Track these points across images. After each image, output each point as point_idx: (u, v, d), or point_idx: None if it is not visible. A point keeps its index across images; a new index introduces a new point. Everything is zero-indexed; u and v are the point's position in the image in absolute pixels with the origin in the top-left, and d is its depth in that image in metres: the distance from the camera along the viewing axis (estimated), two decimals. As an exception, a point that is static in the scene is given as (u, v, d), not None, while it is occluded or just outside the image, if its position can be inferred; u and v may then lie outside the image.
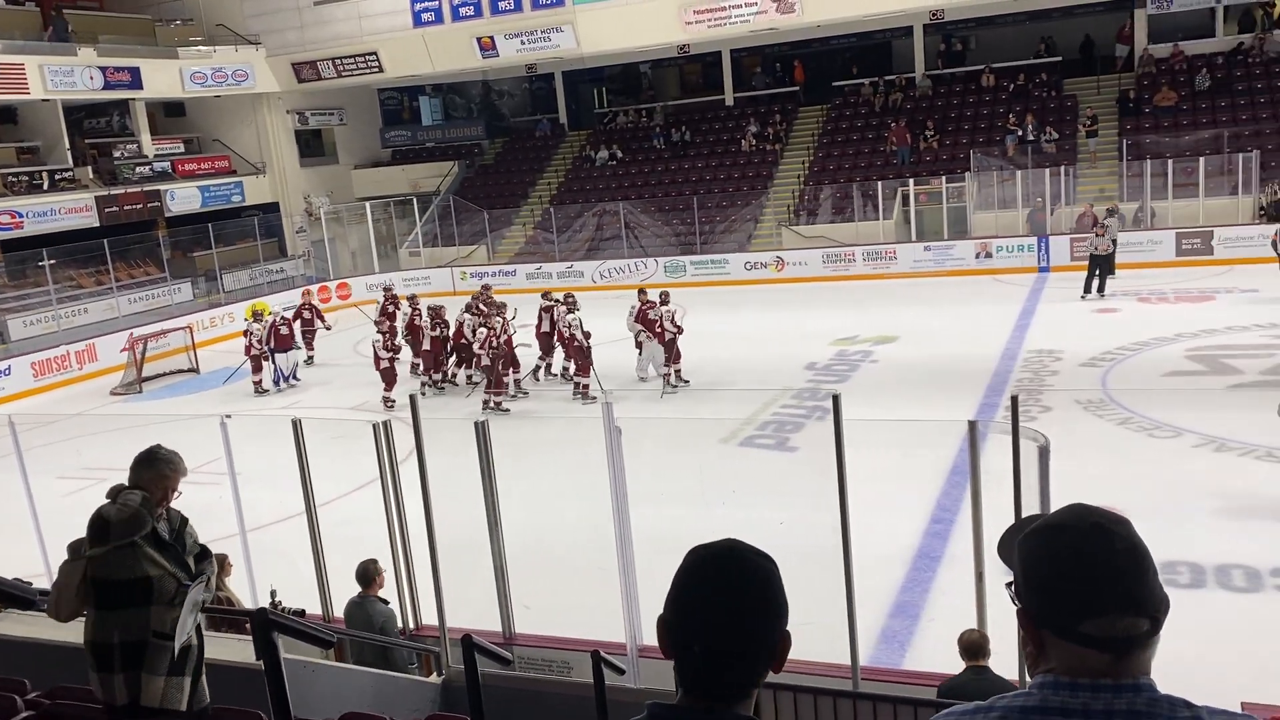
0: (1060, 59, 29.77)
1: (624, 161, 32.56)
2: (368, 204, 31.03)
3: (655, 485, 10.03)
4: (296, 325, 19.61)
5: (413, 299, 19.08)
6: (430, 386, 17.07)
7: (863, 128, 30.24)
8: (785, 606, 1.66)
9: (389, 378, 16.61)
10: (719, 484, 11.26)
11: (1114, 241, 20.63)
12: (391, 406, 16.09)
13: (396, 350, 16.97)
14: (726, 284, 26.12)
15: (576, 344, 15.82)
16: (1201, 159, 24.08)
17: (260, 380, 18.42)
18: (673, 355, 15.91)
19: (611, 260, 28.23)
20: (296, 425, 7.05)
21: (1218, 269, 21.76)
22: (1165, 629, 1.55)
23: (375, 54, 29.48)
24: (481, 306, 17.37)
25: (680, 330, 15.94)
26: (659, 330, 15.79)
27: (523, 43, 28.19)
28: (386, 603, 6.88)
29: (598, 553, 7.09)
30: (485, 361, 15.65)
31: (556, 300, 16.71)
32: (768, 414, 14.13)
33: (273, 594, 6.93)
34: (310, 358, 20.26)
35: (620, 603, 6.04)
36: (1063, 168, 25.44)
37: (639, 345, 16.19)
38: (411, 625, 7.21)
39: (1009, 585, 1.67)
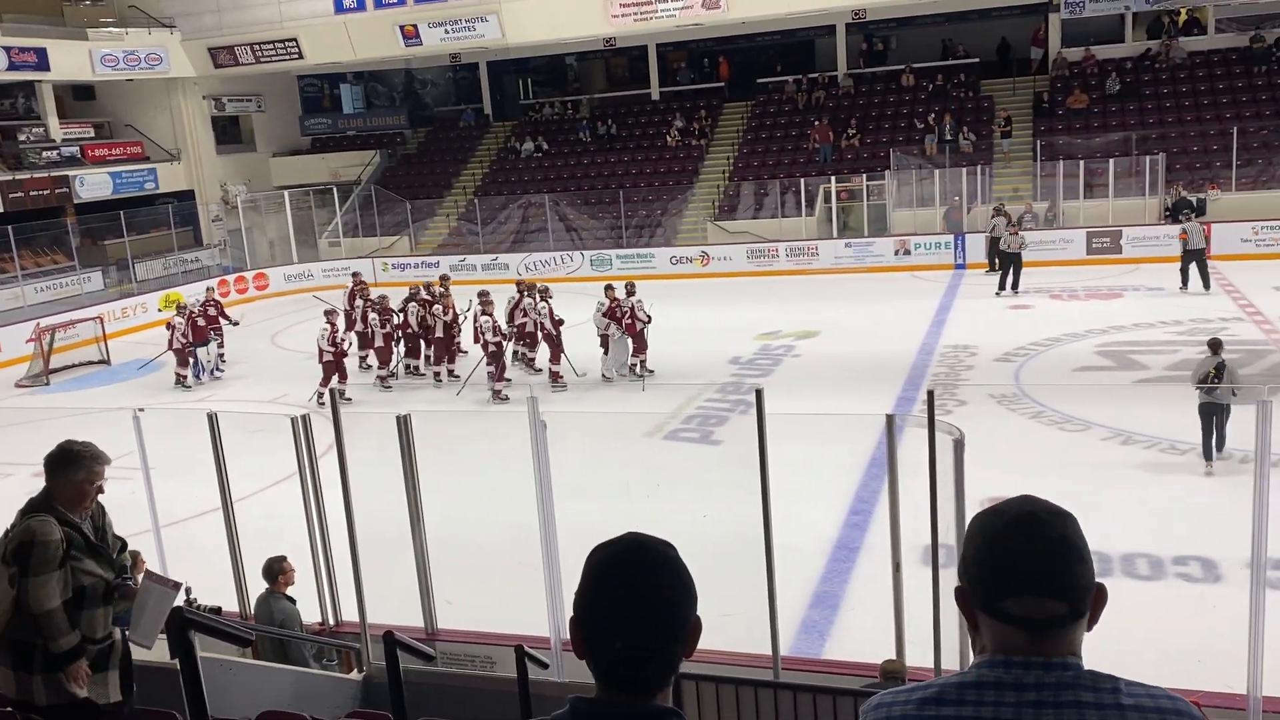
0: (978, 60, 30.46)
1: (550, 154, 32.43)
2: (286, 193, 30.41)
3: (581, 479, 10.05)
4: (199, 321, 18.83)
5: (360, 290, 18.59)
6: (383, 381, 16.68)
7: (786, 125, 30.57)
8: (694, 592, 1.68)
9: (328, 371, 15.98)
10: (644, 478, 11.32)
11: (1023, 241, 21.28)
12: (323, 403, 15.79)
13: (343, 346, 16.18)
14: (652, 278, 26.16)
15: (546, 332, 15.80)
16: (1111, 160, 24.88)
17: (186, 375, 17.74)
18: (640, 345, 15.93)
19: (537, 253, 28.12)
20: (212, 419, 6.90)
21: (1126, 267, 22.50)
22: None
23: (295, 40, 28.87)
24: (426, 295, 17.14)
25: (649, 319, 15.94)
26: (629, 322, 15.72)
27: (447, 32, 27.87)
28: (293, 600, 6.78)
29: (522, 547, 7.08)
30: (492, 349, 15.56)
31: (526, 290, 16.63)
32: (692, 408, 14.23)
33: (187, 591, 6.78)
34: (220, 356, 19.36)
35: (545, 597, 6.04)
36: (979, 167, 26.05)
37: (605, 345, 15.92)
38: (332, 621, 7.12)
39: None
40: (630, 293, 16.01)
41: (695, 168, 30.34)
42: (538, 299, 16.31)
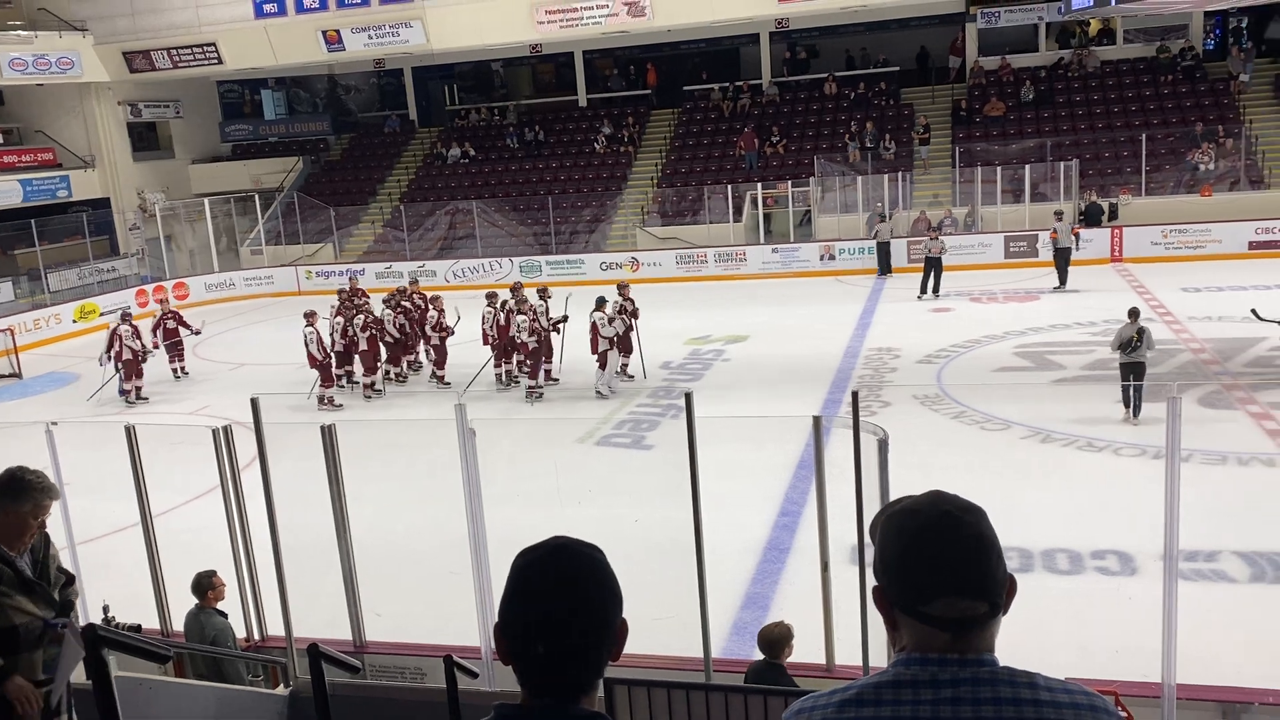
0: (898, 69, 31.06)
1: (476, 160, 32.25)
2: (206, 200, 29.78)
3: (512, 486, 10.00)
4: (158, 334, 18.00)
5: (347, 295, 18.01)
6: (370, 389, 16.28)
7: (713, 132, 30.82)
8: (618, 595, 1.68)
9: (327, 375, 15.84)
10: (576, 483, 11.29)
11: (944, 246, 21.86)
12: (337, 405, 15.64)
13: (329, 351, 15.94)
14: (582, 284, 26.18)
15: (521, 342, 15.61)
16: (1027, 166, 25.55)
17: (141, 387, 16.96)
18: (625, 349, 15.73)
19: (465, 259, 27.93)
20: (130, 432, 6.72)
21: (1042, 270, 23.09)
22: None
23: (214, 45, 28.30)
24: (404, 304, 16.84)
25: (635, 316, 15.72)
26: (620, 327, 15.37)
27: (370, 37, 27.56)
28: (224, 615, 6.64)
29: (453, 556, 7.01)
30: (532, 346, 15.30)
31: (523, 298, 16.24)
32: (624, 413, 14.26)
33: (105, 609, 6.59)
34: (182, 370, 18.47)
35: (475, 606, 6.00)
36: (900, 174, 26.55)
37: (604, 361, 15.32)
38: (257, 636, 6.97)
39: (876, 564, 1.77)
40: (622, 292, 15.80)
41: (624, 174, 30.42)
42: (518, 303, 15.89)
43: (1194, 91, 27.64)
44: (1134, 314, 12.51)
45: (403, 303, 16.90)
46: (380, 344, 16.37)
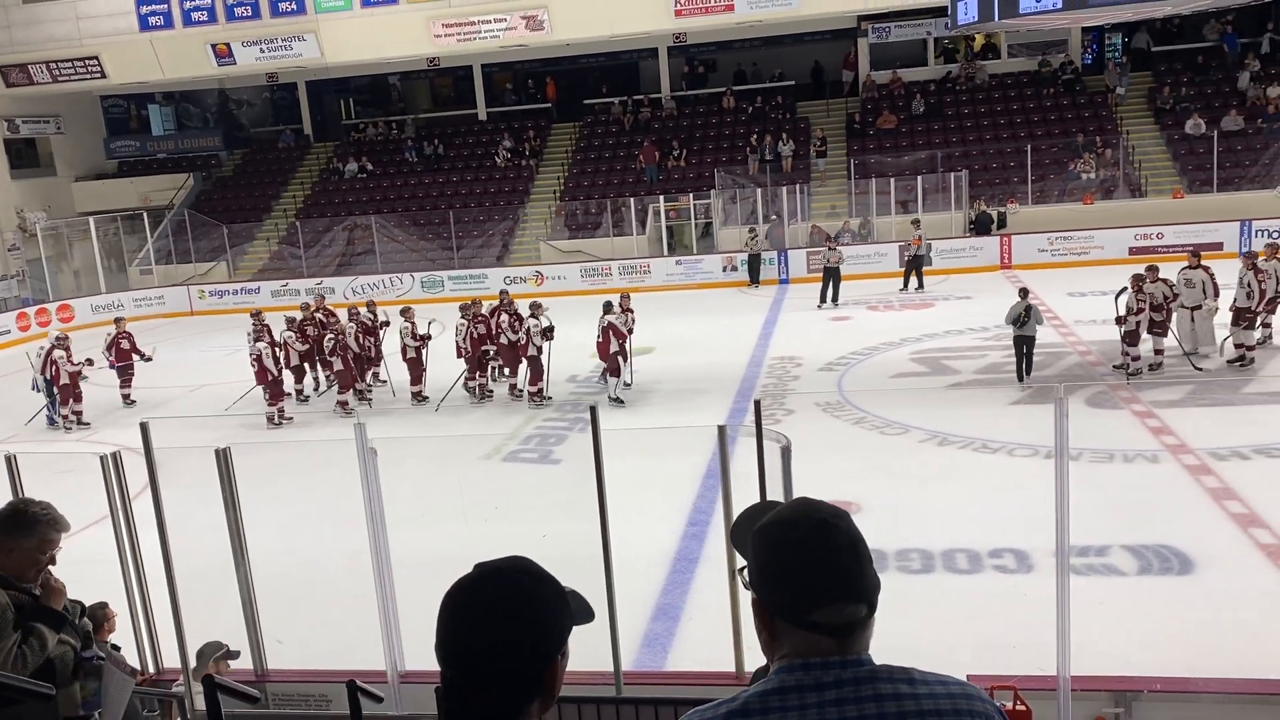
0: (793, 83, 31.67)
1: (374, 174, 31.80)
2: (92, 219, 28.73)
3: (417, 506, 9.85)
4: (111, 353, 17.14)
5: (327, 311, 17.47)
6: (345, 406, 15.73)
7: (614, 145, 30.96)
8: (552, 636, 1.62)
9: (277, 392, 15.40)
10: (483, 501, 11.17)
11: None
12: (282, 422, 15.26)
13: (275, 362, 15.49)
14: (486, 299, 25.94)
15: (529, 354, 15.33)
16: (919, 178, 26.29)
17: (81, 413, 16.14)
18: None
19: (364, 276, 27.47)
20: (11, 461, 6.42)
21: (936, 278, 23.75)
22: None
23: (96, 58, 27.35)
24: (365, 320, 16.32)
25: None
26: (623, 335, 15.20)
27: (262, 51, 26.97)
28: (117, 648, 6.38)
29: (357, 580, 6.87)
30: (531, 353, 14.99)
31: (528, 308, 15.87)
32: (531, 428, 14.18)
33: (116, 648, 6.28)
34: (130, 398, 17.42)
35: (379, 629, 5.88)
36: (798, 186, 27.05)
37: (616, 369, 15.08)
38: (152, 669, 6.72)
39: (741, 570, 1.78)
40: (624, 306, 15.53)
41: (526, 188, 30.34)
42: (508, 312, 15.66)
43: (1074, 104, 28.82)
44: (1024, 293, 14.34)
45: (364, 320, 16.40)
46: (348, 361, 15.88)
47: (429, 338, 15.95)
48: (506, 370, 16.04)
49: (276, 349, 15.66)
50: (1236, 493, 9.81)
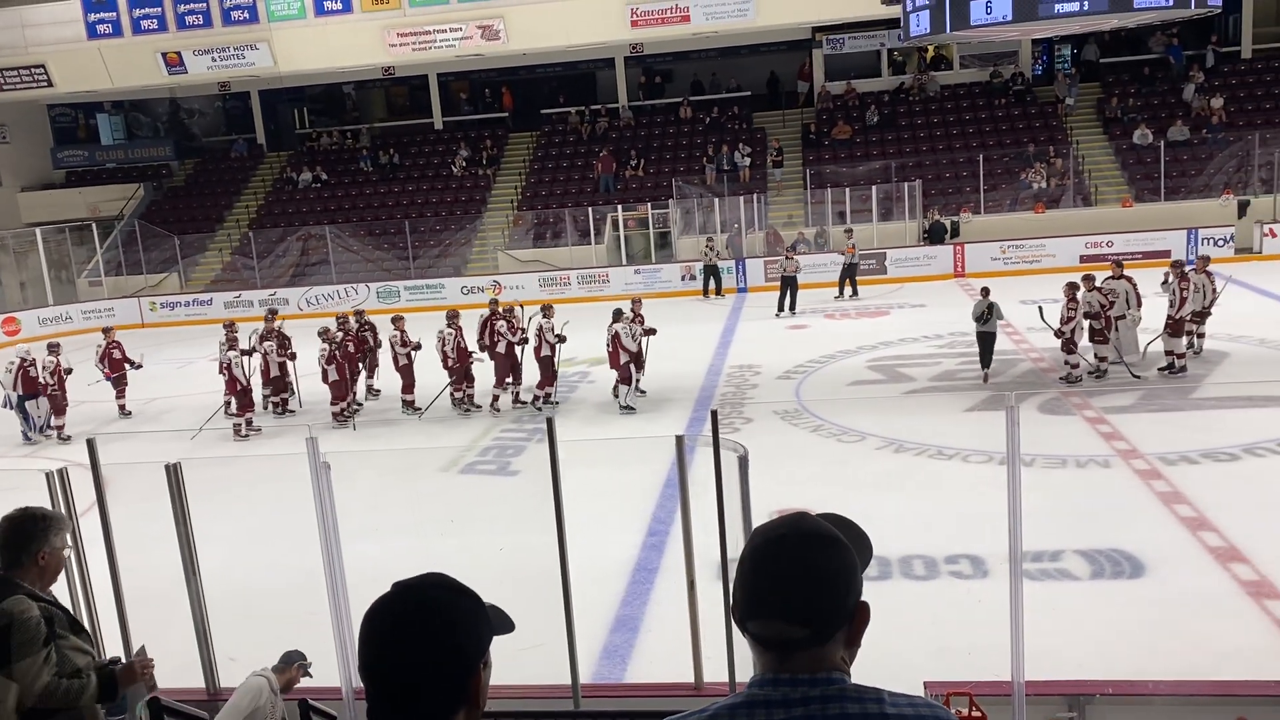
0: (750, 94, 31.87)
1: (329, 184, 31.53)
2: (39, 230, 28.15)
3: (372, 519, 9.74)
4: (105, 364, 16.79)
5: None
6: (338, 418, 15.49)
7: (572, 155, 30.96)
8: (467, 645, 1.65)
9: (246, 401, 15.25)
10: (439, 514, 11.08)
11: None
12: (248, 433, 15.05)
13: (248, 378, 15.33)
14: (443, 308, 25.80)
15: (543, 355, 15.22)
16: (874, 187, 26.54)
17: (63, 426, 15.85)
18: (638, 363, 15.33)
19: (319, 286, 27.19)
20: (-48, 479, 6.26)
21: (891, 286, 23.99)
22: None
23: (43, 67, 26.88)
24: (338, 333, 15.93)
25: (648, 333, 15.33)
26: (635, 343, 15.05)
27: (214, 60, 26.64)
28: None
29: (311, 596, 6.77)
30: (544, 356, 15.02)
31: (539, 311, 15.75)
32: (489, 439, 14.09)
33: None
34: (125, 409, 17.03)
35: (334, 646, 5.80)
36: (755, 195, 27.21)
37: (627, 377, 14.92)
38: (100, 691, 6.56)
39: None
40: (636, 314, 15.36)
41: (483, 197, 30.23)
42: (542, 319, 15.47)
43: (1025, 114, 29.27)
44: (985, 291, 15.03)
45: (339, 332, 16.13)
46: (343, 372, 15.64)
47: (417, 346, 15.64)
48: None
49: (246, 359, 15.47)
50: (1186, 496, 9.98)
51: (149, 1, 26.13)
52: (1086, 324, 14.43)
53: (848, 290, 23.17)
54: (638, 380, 15.18)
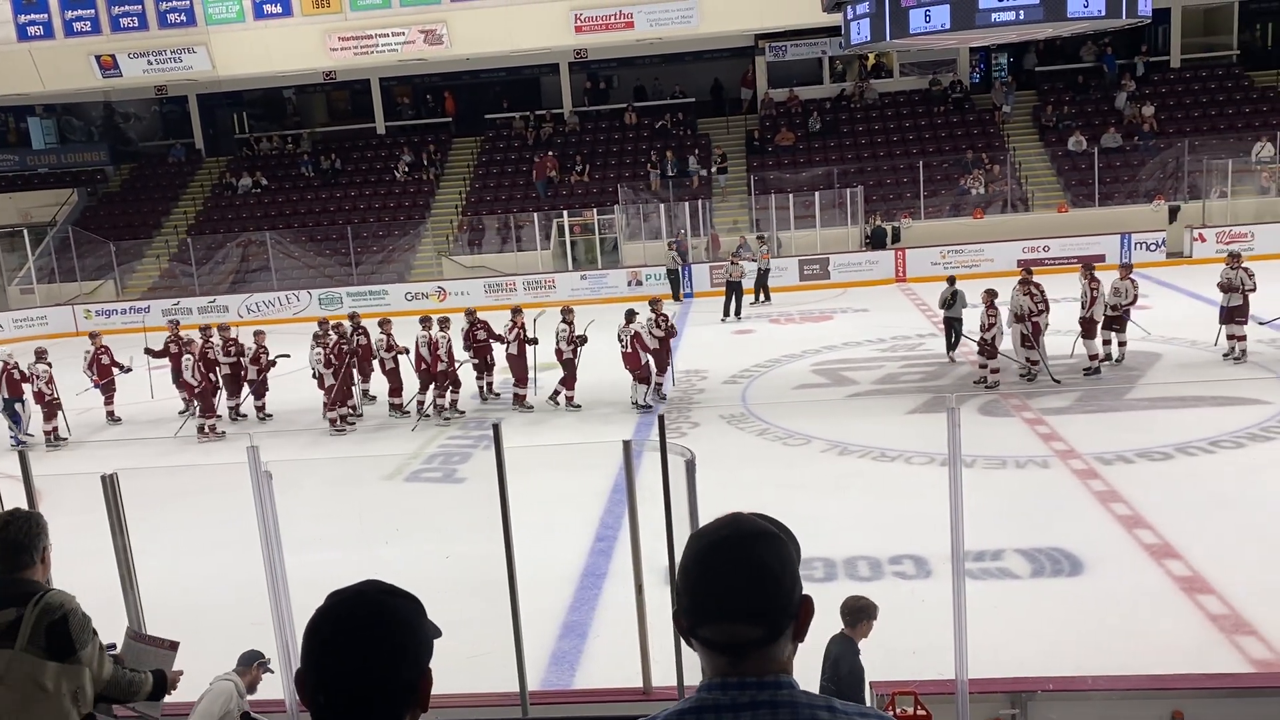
0: (694, 100, 32.02)
1: (269, 189, 31.08)
2: (-34, 236, 27.41)
3: (316, 529, 9.60)
4: (94, 370, 16.49)
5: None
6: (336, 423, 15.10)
7: (516, 160, 30.85)
8: (415, 648, 1.64)
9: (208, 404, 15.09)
10: (384, 523, 10.97)
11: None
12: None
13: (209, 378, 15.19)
14: (387, 315, 25.56)
15: (565, 358, 15.13)
16: (817, 193, 26.80)
17: (56, 429, 15.63)
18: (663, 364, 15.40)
19: (260, 293, 26.78)
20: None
21: (835, 291, 24.24)
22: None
23: (-30, 69, 26.17)
24: (325, 338, 15.58)
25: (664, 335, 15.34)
26: (655, 340, 15.10)
27: (150, 63, 26.15)
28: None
29: (254, 607, 6.66)
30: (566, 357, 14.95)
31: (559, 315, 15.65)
32: (434, 447, 13.98)
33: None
34: (114, 415, 16.75)
35: (277, 657, 5.71)
36: (700, 201, 27.33)
37: (645, 376, 14.95)
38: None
39: None
40: (633, 319, 15.25)
41: (427, 203, 30.01)
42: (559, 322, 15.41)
43: (964, 121, 29.77)
44: (951, 280, 16.47)
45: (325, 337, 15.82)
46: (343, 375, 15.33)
47: (404, 350, 15.51)
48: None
49: (199, 363, 15.21)
50: (1122, 495, 10.20)
51: (82, 3, 25.57)
52: (1013, 328, 14.74)
53: (761, 296, 23.32)
54: (660, 384, 15.32)
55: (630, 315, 15.04)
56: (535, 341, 15.51)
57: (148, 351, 17.08)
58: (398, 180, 30.73)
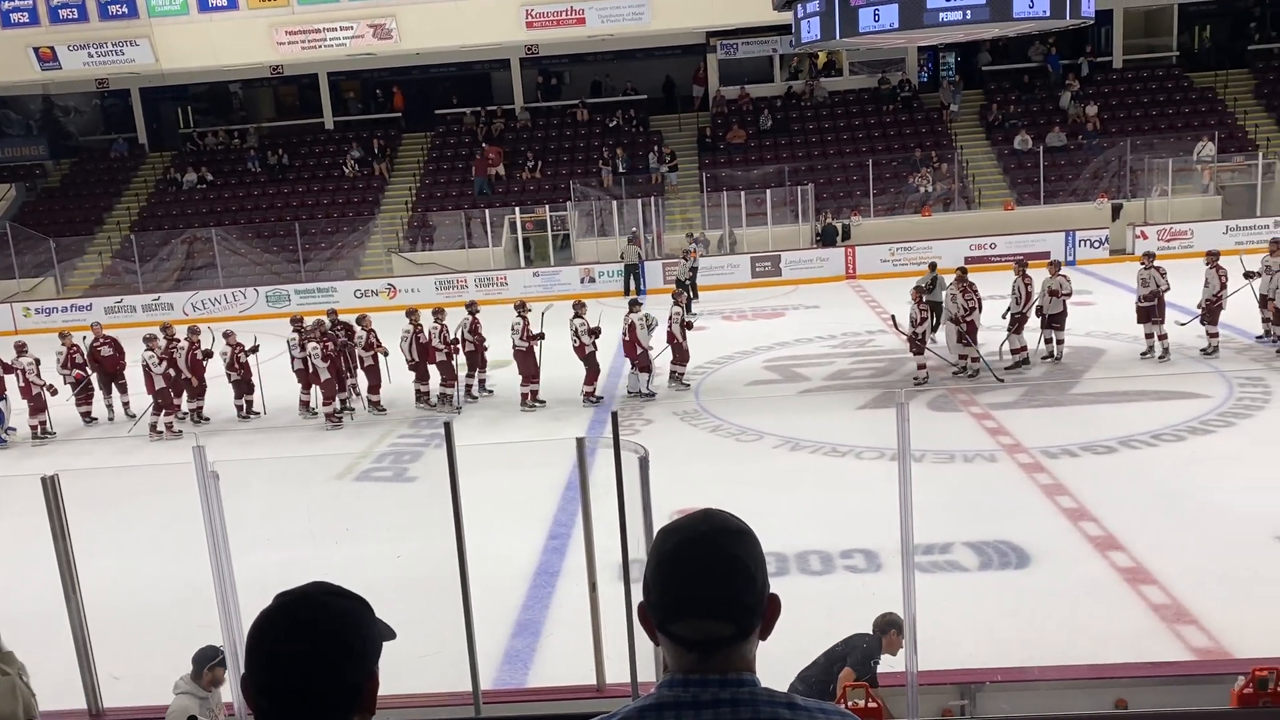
0: (646, 97, 32.04)
1: (215, 185, 30.59)
2: (-101, 232, 26.65)
3: (264, 529, 9.48)
4: (67, 373, 16.08)
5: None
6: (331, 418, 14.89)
7: (467, 156, 30.65)
8: (362, 649, 1.63)
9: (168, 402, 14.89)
10: (334, 522, 10.85)
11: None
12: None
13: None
14: (337, 312, 25.27)
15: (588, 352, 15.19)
16: (768, 191, 26.95)
17: (46, 423, 15.35)
18: (680, 356, 15.54)
19: (206, 291, 26.35)
20: None
21: (786, 288, 24.39)
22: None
23: (-98, 59, 25.46)
24: (313, 333, 15.27)
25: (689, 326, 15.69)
26: (670, 334, 15.37)
27: (90, 55, 25.62)
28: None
29: (201, 609, 6.56)
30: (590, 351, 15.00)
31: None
32: (385, 445, 13.86)
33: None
34: (90, 415, 16.35)
35: (227, 660, 5.64)
36: (653, 199, 27.36)
37: (646, 365, 15.21)
38: (-27, 717, 6.24)
39: None
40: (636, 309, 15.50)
41: (376, 199, 29.71)
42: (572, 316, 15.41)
43: (912, 120, 30.10)
44: (932, 266, 17.56)
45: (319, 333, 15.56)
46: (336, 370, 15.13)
47: (385, 351, 15.36)
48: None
49: (163, 360, 14.98)
50: (1067, 488, 10.39)
51: (19, -7, 25.00)
52: (947, 327, 15.00)
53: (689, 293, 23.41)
54: (680, 374, 15.58)
55: (633, 305, 15.52)
56: (542, 336, 15.34)
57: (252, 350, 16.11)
58: (346, 176, 30.40)
